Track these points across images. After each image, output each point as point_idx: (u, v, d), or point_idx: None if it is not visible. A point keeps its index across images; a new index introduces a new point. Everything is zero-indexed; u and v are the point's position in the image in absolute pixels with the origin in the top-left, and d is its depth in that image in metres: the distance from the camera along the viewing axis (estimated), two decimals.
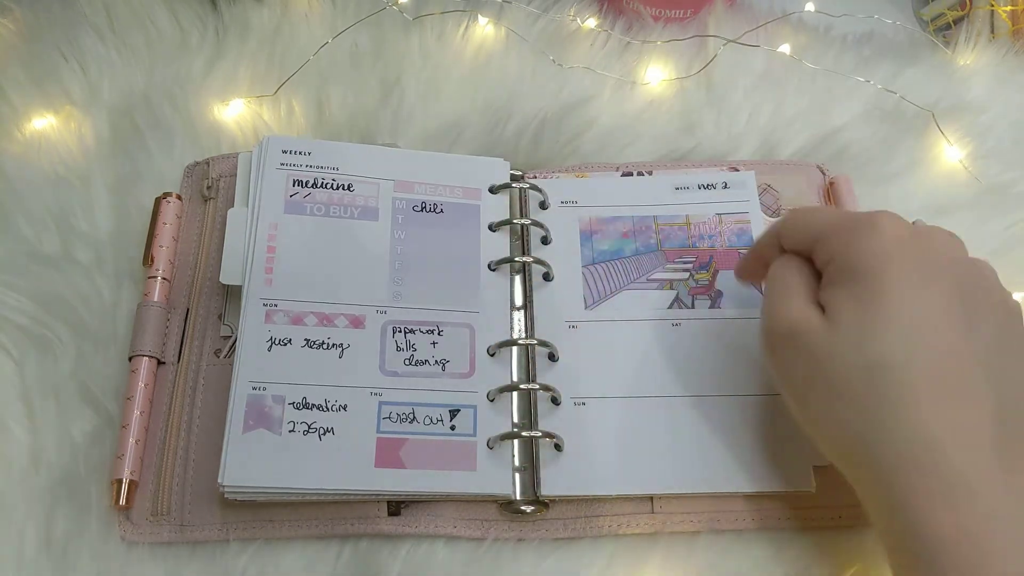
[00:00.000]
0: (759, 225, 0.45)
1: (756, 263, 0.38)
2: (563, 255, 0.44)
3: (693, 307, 0.43)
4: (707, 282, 0.44)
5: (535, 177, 0.47)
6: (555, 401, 0.40)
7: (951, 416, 0.29)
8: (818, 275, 0.34)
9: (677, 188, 0.47)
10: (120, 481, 0.38)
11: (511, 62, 0.53)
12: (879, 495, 0.30)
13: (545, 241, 0.45)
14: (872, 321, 0.30)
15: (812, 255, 0.34)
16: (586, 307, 0.43)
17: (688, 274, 0.44)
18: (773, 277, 0.35)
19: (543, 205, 0.46)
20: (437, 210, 0.45)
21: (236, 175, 0.45)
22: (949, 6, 0.58)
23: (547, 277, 0.44)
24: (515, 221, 0.45)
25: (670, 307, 0.43)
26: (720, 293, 0.43)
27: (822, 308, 0.32)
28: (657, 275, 0.44)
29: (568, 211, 0.46)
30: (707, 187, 0.47)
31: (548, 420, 0.40)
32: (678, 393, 0.41)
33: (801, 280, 0.34)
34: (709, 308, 0.43)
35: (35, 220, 0.46)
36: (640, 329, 0.42)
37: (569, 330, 0.42)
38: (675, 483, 0.39)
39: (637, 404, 0.40)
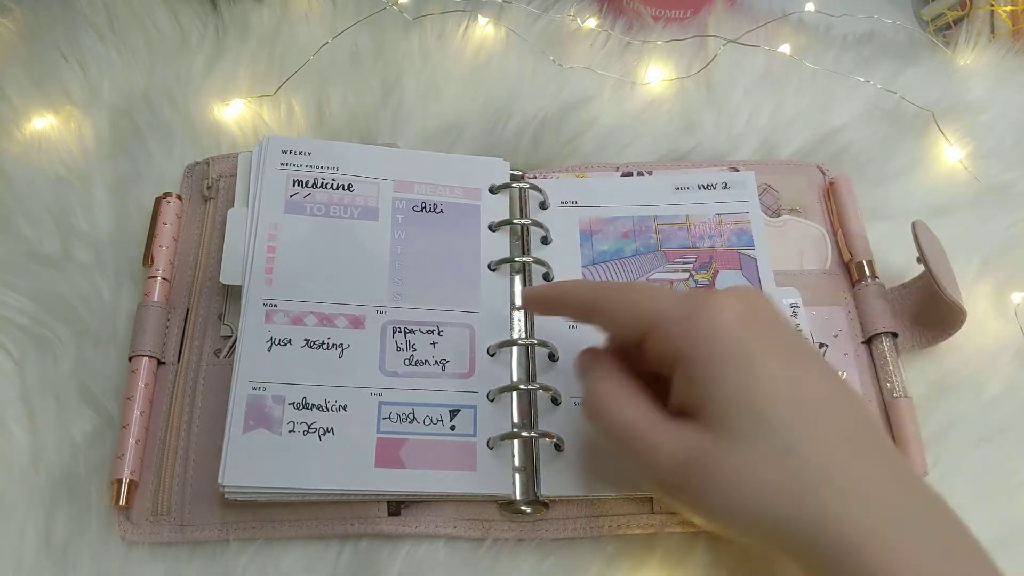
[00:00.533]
0: (759, 225, 0.45)
1: (551, 306, 0.36)
2: (563, 255, 0.44)
3: None
4: (707, 283, 0.44)
5: (535, 177, 0.47)
6: (555, 401, 0.40)
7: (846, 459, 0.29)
8: (635, 367, 0.33)
9: (677, 188, 0.47)
10: (120, 481, 0.38)
11: (511, 62, 0.53)
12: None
13: (545, 241, 0.45)
14: (761, 424, 0.29)
15: (639, 343, 0.32)
16: None
17: (688, 274, 0.44)
18: (613, 418, 0.32)
19: (543, 205, 0.46)
20: (437, 210, 0.45)
21: (236, 175, 0.45)
22: (949, 6, 0.58)
23: (547, 277, 0.44)
24: (515, 221, 0.45)
25: None
26: None
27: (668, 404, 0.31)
28: (657, 275, 0.44)
29: (568, 211, 0.46)
30: (707, 187, 0.47)
31: (548, 420, 0.40)
32: None
33: (642, 397, 0.32)
34: None
35: (35, 220, 0.46)
36: None
37: (569, 330, 0.42)
38: None
39: None
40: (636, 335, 0.32)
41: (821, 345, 0.43)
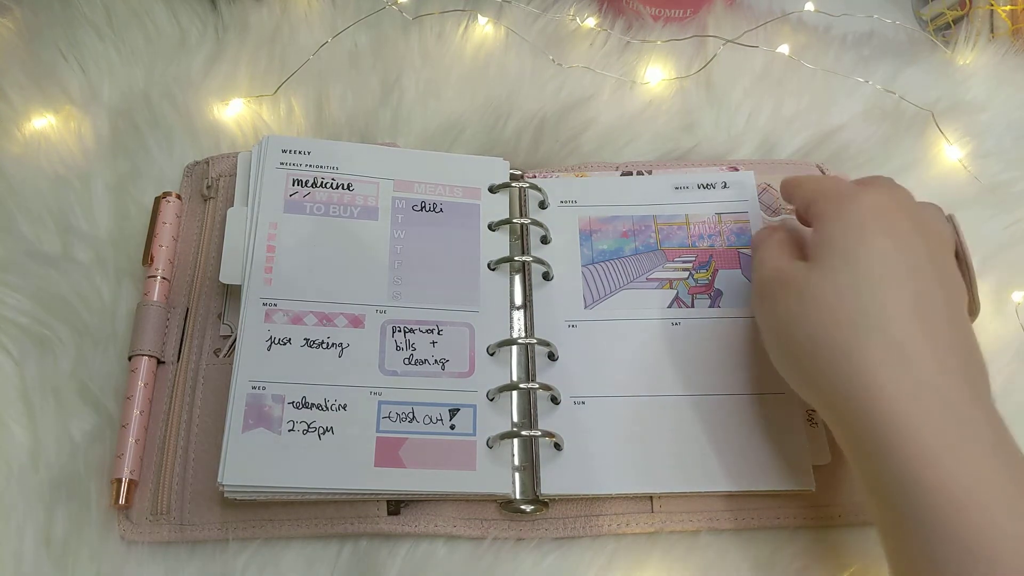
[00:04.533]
0: (758, 225, 0.45)
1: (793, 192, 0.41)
2: (563, 255, 0.44)
3: (693, 306, 0.43)
4: (707, 281, 0.44)
5: (535, 177, 0.47)
6: (555, 400, 0.40)
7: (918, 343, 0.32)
8: (800, 240, 0.39)
9: (676, 187, 0.47)
10: (120, 480, 0.38)
11: (511, 62, 0.53)
12: (856, 431, 0.32)
13: (545, 241, 0.45)
14: (849, 265, 0.34)
15: (804, 215, 0.38)
16: (585, 307, 0.43)
17: (688, 273, 0.44)
18: (760, 239, 0.40)
19: (543, 205, 0.46)
20: (437, 210, 0.45)
21: (236, 174, 0.45)
22: (949, 6, 0.58)
23: (547, 277, 0.44)
24: (515, 221, 0.45)
25: (669, 306, 0.43)
26: (720, 292, 0.43)
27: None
28: (657, 274, 0.44)
29: (568, 211, 0.46)
30: (706, 187, 0.47)
31: (548, 419, 0.40)
32: (677, 392, 0.41)
33: (785, 239, 0.39)
34: (709, 307, 0.43)
35: (35, 220, 0.46)
36: (639, 328, 0.42)
37: (569, 329, 0.42)
38: (675, 482, 0.39)
39: (636, 403, 0.40)
40: (804, 205, 0.39)
41: None
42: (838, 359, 0.32)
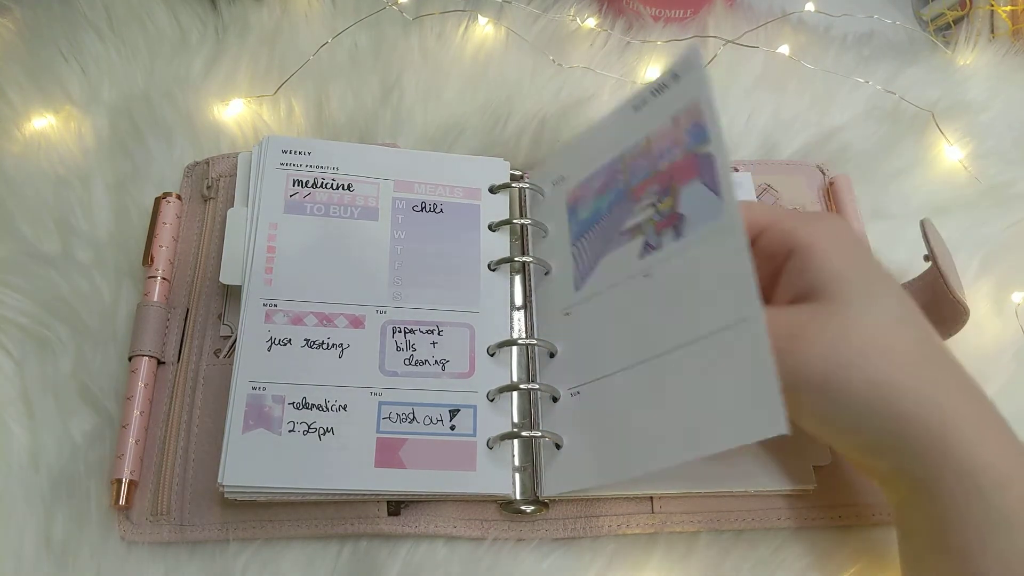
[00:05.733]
0: (715, 116, 0.36)
1: None
2: (557, 244, 0.43)
3: (660, 248, 0.36)
4: (670, 210, 0.36)
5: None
6: (555, 399, 0.40)
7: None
8: None
9: (636, 108, 0.40)
10: (120, 481, 0.38)
11: (511, 62, 0.53)
12: (926, 463, 0.32)
13: (543, 237, 0.45)
14: (874, 299, 0.33)
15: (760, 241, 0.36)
16: (576, 289, 0.41)
17: (653, 207, 0.37)
18: None
19: (541, 194, 0.46)
20: (437, 210, 0.45)
21: (236, 175, 0.45)
22: (949, 6, 0.58)
23: (547, 274, 0.44)
24: (515, 221, 0.45)
25: (641, 257, 0.37)
26: (682, 217, 0.36)
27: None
28: (628, 224, 0.39)
29: (559, 193, 0.44)
30: (658, 91, 0.38)
31: (548, 420, 0.40)
32: (661, 350, 0.35)
33: None
34: (675, 240, 0.36)
35: (35, 220, 0.46)
36: (618, 296, 0.38)
37: (564, 318, 0.41)
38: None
39: (630, 376, 0.37)
40: (752, 235, 0.36)
41: None
42: (906, 396, 0.32)
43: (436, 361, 0.41)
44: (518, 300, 0.43)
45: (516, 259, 0.43)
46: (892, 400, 0.31)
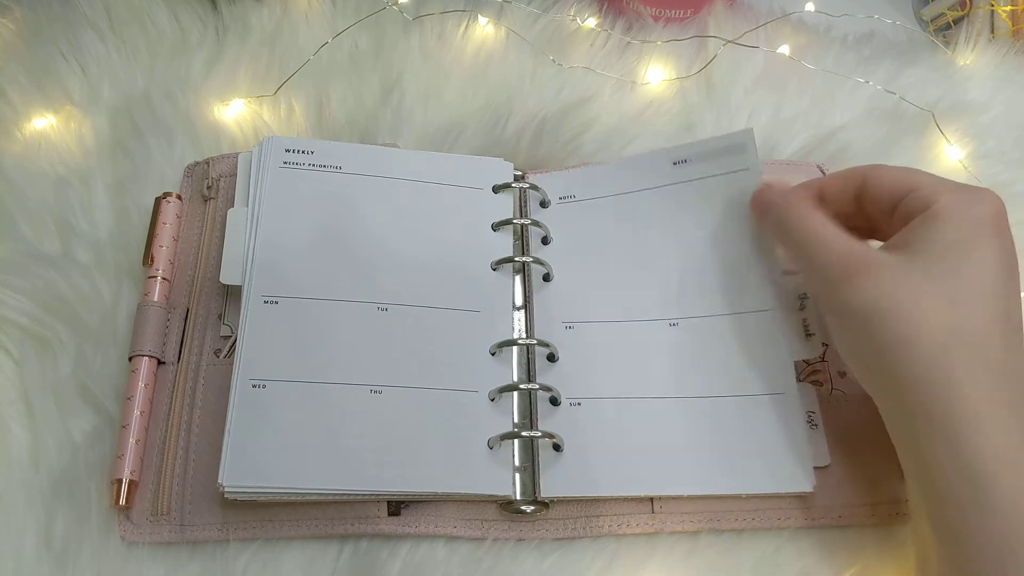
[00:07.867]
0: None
1: (799, 196, 0.39)
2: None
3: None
4: None
5: (537, 173, 0.47)
6: (554, 402, 0.40)
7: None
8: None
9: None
10: (120, 481, 0.38)
11: (511, 62, 0.53)
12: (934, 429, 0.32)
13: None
14: (951, 274, 0.33)
15: (882, 203, 0.37)
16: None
17: None
18: (788, 202, 0.38)
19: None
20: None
21: (236, 175, 0.45)
22: (949, 6, 0.58)
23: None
24: (516, 221, 0.45)
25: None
26: None
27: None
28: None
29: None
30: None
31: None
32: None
33: (820, 208, 0.37)
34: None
35: (35, 220, 0.46)
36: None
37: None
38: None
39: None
40: (901, 193, 0.36)
41: (822, 344, 0.43)
42: (923, 364, 0.32)
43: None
44: (518, 300, 0.43)
45: (518, 259, 0.43)
46: (908, 360, 0.32)
